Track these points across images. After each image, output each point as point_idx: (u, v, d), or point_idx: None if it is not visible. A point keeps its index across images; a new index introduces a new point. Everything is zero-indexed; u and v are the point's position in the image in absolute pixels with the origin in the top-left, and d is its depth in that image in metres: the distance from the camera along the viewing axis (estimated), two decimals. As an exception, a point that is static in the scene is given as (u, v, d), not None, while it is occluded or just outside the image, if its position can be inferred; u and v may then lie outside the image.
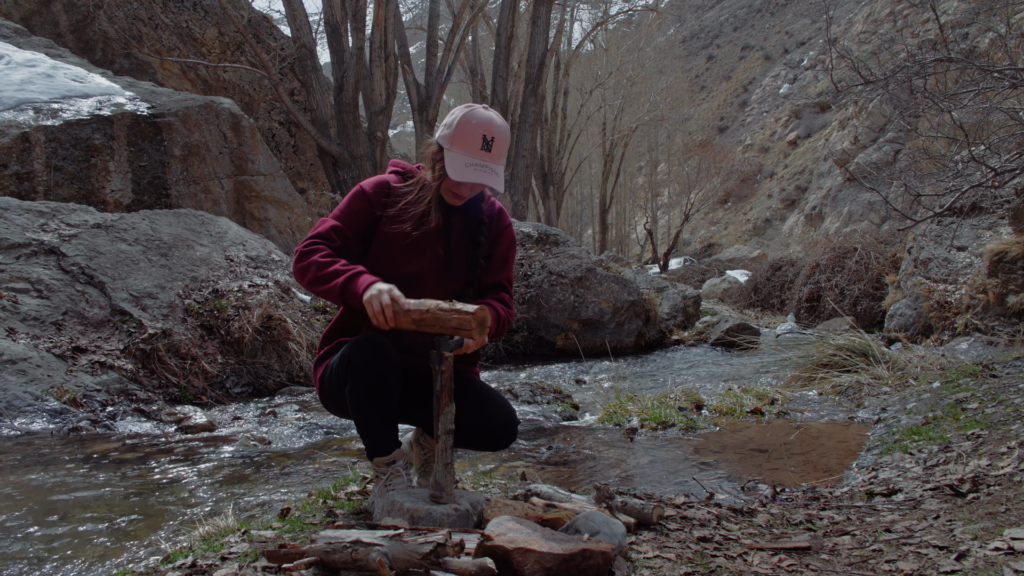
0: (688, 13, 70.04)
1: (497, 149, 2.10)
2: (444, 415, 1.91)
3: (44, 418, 3.65)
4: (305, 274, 2.03)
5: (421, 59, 16.18)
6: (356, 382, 1.98)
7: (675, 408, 4.16)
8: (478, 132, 2.07)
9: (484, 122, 2.09)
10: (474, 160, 2.07)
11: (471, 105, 2.16)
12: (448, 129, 2.11)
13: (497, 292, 2.27)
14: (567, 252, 8.07)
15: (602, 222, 29.82)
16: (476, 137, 2.07)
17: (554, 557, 1.60)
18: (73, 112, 6.87)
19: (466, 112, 2.11)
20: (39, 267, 4.62)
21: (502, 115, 15.66)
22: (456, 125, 2.09)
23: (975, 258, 6.25)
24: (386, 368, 1.96)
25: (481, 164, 2.07)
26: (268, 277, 5.66)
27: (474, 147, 2.07)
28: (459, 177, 2.05)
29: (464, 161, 2.06)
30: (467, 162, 2.06)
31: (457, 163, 2.06)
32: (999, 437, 2.75)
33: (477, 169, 2.06)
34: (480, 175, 2.06)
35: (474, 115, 2.10)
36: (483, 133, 2.07)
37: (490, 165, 2.08)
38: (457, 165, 2.06)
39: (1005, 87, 4.93)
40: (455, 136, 2.08)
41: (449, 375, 1.91)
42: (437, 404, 1.92)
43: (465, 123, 2.09)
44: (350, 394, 2.01)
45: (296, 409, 4.48)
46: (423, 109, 14.69)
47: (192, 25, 11.99)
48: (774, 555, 1.87)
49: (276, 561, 1.62)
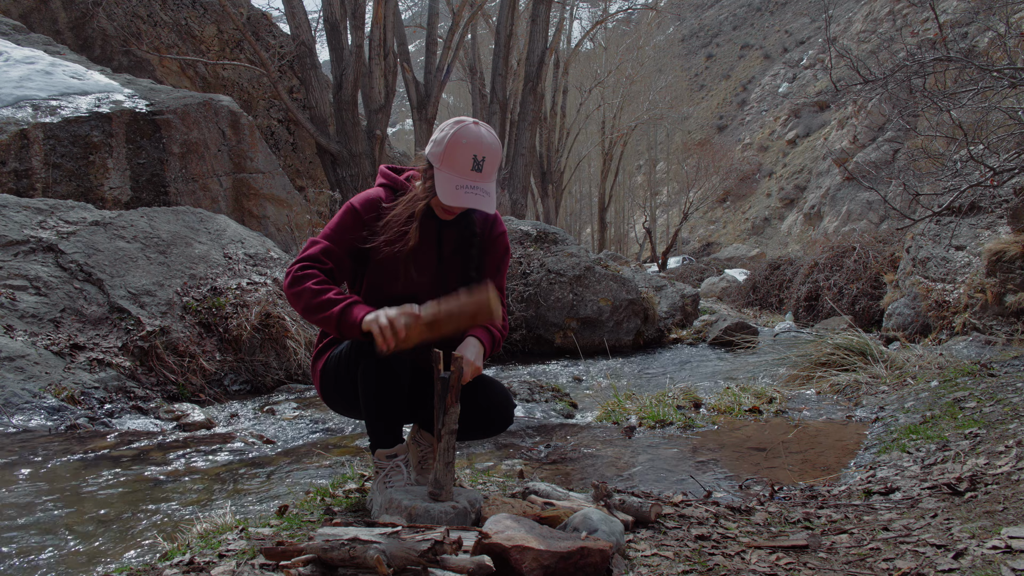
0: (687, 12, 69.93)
1: (488, 168, 2.06)
2: (449, 415, 1.91)
3: (42, 415, 3.64)
4: (299, 300, 2.00)
5: (420, 57, 16.15)
6: (367, 367, 1.97)
7: (673, 406, 4.17)
8: (468, 152, 2.02)
9: (474, 141, 2.03)
10: (465, 182, 2.02)
11: (462, 120, 2.10)
12: (438, 147, 2.06)
13: None
14: (566, 250, 8.07)
15: (601, 220, 29.82)
16: (467, 158, 2.02)
17: (552, 555, 1.60)
18: (72, 109, 6.86)
19: (456, 129, 2.05)
20: (37, 264, 4.61)
21: (501, 113, 15.75)
22: (446, 144, 2.04)
23: (973, 257, 6.25)
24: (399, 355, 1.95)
25: (472, 186, 2.03)
26: (267, 275, 5.65)
27: (464, 168, 2.02)
28: (449, 201, 2.01)
29: (455, 183, 2.02)
30: (458, 184, 2.02)
31: (447, 186, 2.02)
32: (997, 436, 2.75)
33: (468, 192, 2.02)
34: (470, 199, 2.02)
35: (464, 133, 2.04)
36: (474, 153, 2.02)
37: (481, 186, 2.04)
38: (447, 188, 2.01)
39: (1004, 86, 4.93)
40: (445, 156, 2.03)
41: (458, 376, 1.90)
42: (440, 403, 1.91)
43: (455, 142, 2.03)
44: (361, 378, 1.99)
45: (294, 407, 4.48)
46: (422, 107, 14.68)
47: (191, 22, 11.97)
48: (772, 553, 1.87)
49: (273, 559, 1.62)
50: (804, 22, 55.47)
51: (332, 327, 1.96)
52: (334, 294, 1.98)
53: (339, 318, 1.94)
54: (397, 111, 41.80)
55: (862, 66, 5.42)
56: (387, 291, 2.13)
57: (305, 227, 8.83)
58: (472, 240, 2.21)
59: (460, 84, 25.78)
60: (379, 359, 1.95)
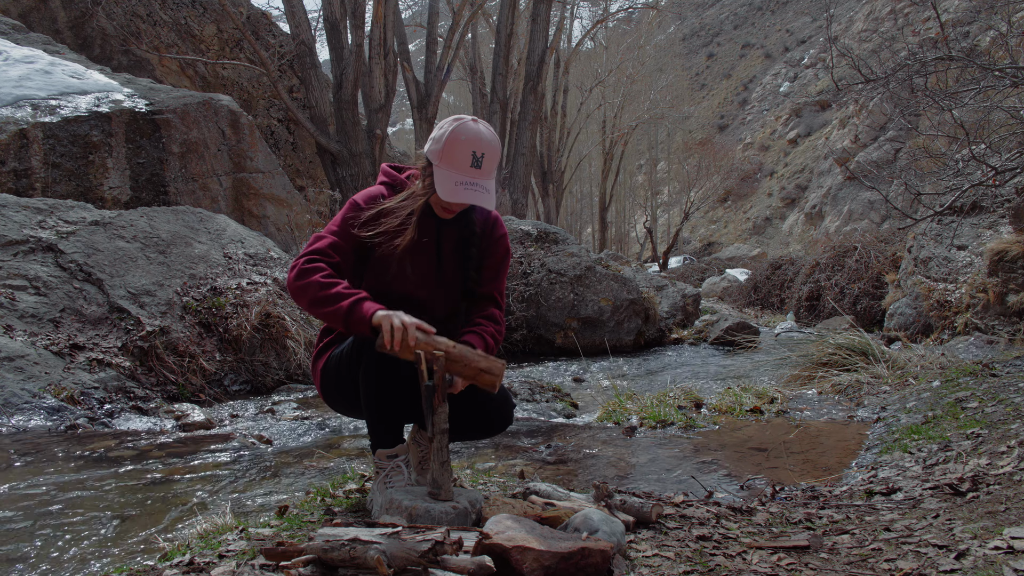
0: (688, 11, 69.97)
1: (487, 165, 2.05)
2: (438, 415, 1.90)
3: (41, 415, 3.64)
4: (304, 293, 1.99)
5: (420, 56, 16.15)
6: (368, 367, 1.96)
7: (674, 407, 4.16)
8: (467, 149, 2.02)
9: (473, 137, 2.03)
10: (464, 178, 2.02)
11: (460, 117, 2.10)
12: (437, 144, 2.06)
13: (487, 307, 2.23)
14: (566, 250, 8.06)
15: (602, 220, 29.82)
16: (466, 154, 2.02)
17: (553, 555, 1.59)
18: (71, 109, 6.85)
19: (455, 127, 2.05)
20: (37, 264, 4.60)
21: (502, 113, 15.74)
22: (445, 141, 2.04)
23: (975, 257, 6.24)
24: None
25: (471, 183, 2.03)
26: (267, 275, 5.65)
27: (463, 165, 2.02)
28: (449, 198, 2.01)
29: (454, 180, 2.02)
30: (457, 181, 2.02)
31: (447, 182, 2.02)
32: (999, 436, 2.74)
33: (467, 189, 2.02)
34: (470, 195, 2.02)
35: (463, 130, 2.04)
36: (472, 150, 2.02)
37: (480, 183, 2.04)
38: (447, 184, 2.01)
39: (1006, 85, 4.92)
40: (444, 153, 2.03)
41: (441, 375, 1.89)
42: (428, 403, 1.91)
43: (454, 139, 2.03)
44: (363, 378, 1.98)
45: (294, 407, 4.47)
46: (422, 106, 14.68)
47: (191, 22, 11.97)
48: (773, 554, 1.87)
49: (274, 559, 1.61)
50: (805, 21, 55.46)
51: (340, 321, 1.95)
52: (343, 288, 1.97)
53: (348, 312, 1.92)
54: (397, 110, 41.81)
55: (863, 65, 5.41)
56: (386, 289, 2.13)
57: (305, 227, 8.82)
58: (472, 239, 2.21)
59: (460, 83, 25.77)
60: (380, 358, 1.95)
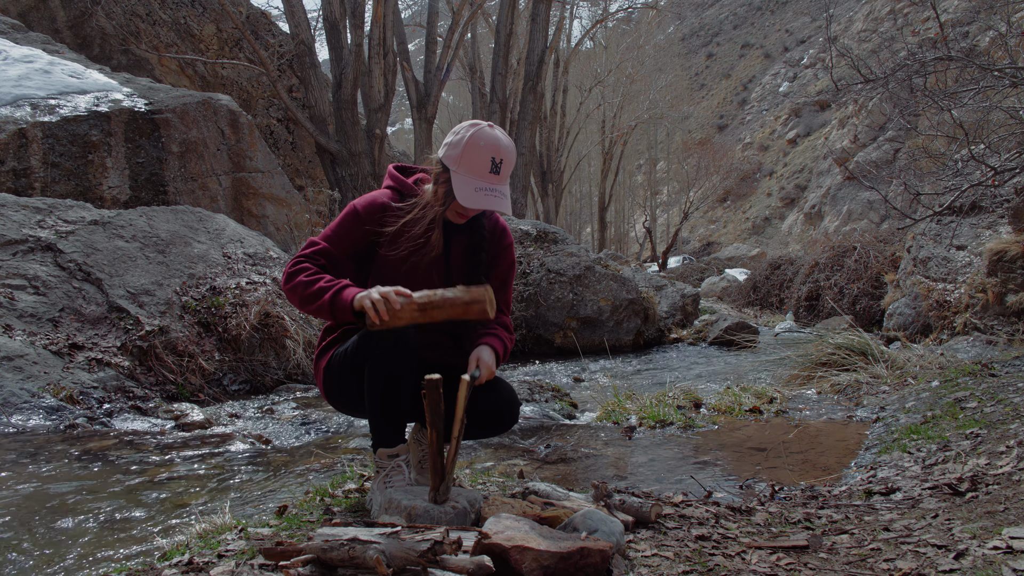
0: (688, 11, 69.98)
1: (504, 171, 2.06)
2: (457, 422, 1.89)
3: (40, 415, 3.63)
4: (294, 294, 2.01)
5: (420, 56, 16.14)
6: (375, 363, 1.95)
7: (673, 406, 4.16)
8: (487, 154, 2.02)
9: (492, 143, 2.03)
10: (483, 184, 2.02)
11: (477, 123, 2.09)
12: (455, 149, 2.05)
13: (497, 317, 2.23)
14: (566, 250, 8.06)
15: (601, 220, 29.82)
16: (485, 160, 2.02)
17: (552, 555, 1.59)
18: (70, 108, 6.85)
19: (474, 132, 2.05)
20: (36, 263, 4.60)
21: (501, 113, 15.73)
22: (464, 146, 2.03)
23: (974, 257, 6.24)
24: (407, 353, 1.94)
25: (490, 188, 2.03)
26: (266, 274, 5.64)
27: (483, 170, 2.02)
28: (469, 204, 2.00)
29: (473, 186, 2.01)
30: (476, 187, 2.01)
31: (466, 188, 2.01)
32: (998, 436, 2.75)
33: (487, 194, 2.02)
34: (490, 201, 2.02)
35: (481, 135, 2.04)
36: (492, 155, 2.02)
37: (499, 188, 2.04)
38: (466, 190, 2.01)
39: (1005, 86, 4.92)
40: (463, 158, 2.03)
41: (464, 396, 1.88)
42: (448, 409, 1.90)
43: (473, 144, 2.02)
44: (368, 377, 1.97)
45: (294, 407, 4.47)
46: (422, 106, 14.67)
47: (190, 21, 11.96)
48: (772, 554, 1.87)
49: (273, 559, 1.61)
50: (805, 21, 55.48)
51: (326, 313, 1.96)
52: (324, 282, 1.98)
53: (331, 303, 1.93)
54: (397, 110, 41.78)
55: (863, 65, 5.41)
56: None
57: (304, 226, 8.82)
58: (481, 244, 2.21)
59: (460, 83, 25.77)
60: (387, 354, 1.94)
